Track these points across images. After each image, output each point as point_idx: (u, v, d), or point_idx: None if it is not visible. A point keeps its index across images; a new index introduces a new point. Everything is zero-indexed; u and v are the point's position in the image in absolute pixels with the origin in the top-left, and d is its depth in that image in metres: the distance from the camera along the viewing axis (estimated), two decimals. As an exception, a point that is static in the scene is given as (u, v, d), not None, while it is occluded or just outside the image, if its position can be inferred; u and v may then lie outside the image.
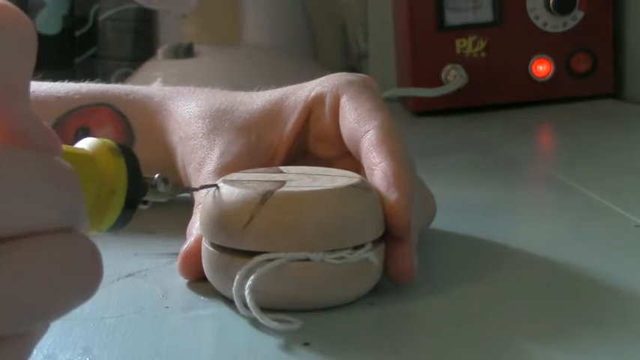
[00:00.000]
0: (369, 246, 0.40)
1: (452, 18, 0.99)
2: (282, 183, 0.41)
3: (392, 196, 0.41)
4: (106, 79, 1.14)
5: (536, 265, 0.47)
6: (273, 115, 0.51)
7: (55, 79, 0.59)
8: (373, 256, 0.40)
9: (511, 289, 0.44)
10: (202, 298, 0.42)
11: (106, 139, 0.35)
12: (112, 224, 0.34)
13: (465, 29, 0.99)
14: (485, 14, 0.99)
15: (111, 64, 1.16)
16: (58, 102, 0.56)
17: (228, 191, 0.41)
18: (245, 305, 0.38)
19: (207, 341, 0.38)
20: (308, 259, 0.39)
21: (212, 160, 0.49)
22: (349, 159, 0.48)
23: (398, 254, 0.41)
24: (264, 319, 0.37)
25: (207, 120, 0.52)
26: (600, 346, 0.36)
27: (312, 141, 0.51)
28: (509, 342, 0.37)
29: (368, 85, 0.50)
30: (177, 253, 0.48)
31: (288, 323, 0.37)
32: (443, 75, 0.99)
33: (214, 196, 0.41)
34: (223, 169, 0.48)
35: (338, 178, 0.42)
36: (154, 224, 0.53)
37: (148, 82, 0.92)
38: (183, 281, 0.44)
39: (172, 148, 0.53)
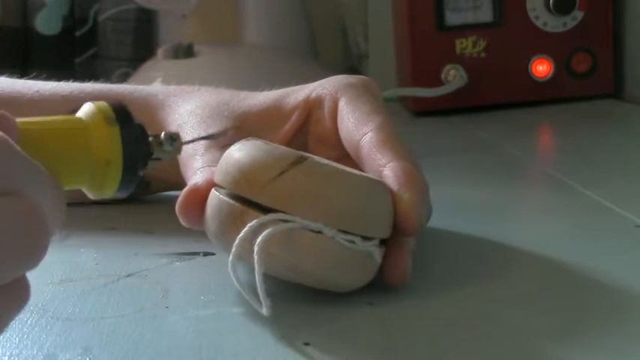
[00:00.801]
0: (376, 242, 0.40)
1: (452, 18, 0.99)
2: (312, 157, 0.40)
3: (404, 195, 0.41)
4: (106, 79, 1.14)
5: (536, 265, 0.47)
6: (271, 112, 0.52)
7: (55, 80, 0.59)
8: (378, 254, 0.40)
9: (511, 289, 0.44)
10: (202, 298, 0.42)
11: (103, 105, 0.35)
12: (117, 189, 0.35)
13: (465, 29, 0.99)
14: (486, 14, 0.99)
15: (111, 64, 1.16)
16: (63, 100, 0.57)
17: (261, 144, 0.40)
18: (236, 269, 0.38)
19: (207, 341, 0.38)
20: (320, 232, 0.38)
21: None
22: (351, 161, 0.48)
23: (397, 256, 0.41)
24: (248, 294, 0.37)
25: (206, 109, 0.52)
26: (600, 346, 0.36)
27: (313, 142, 0.51)
28: (509, 342, 0.37)
29: (367, 88, 0.50)
30: (177, 253, 0.48)
31: (261, 306, 0.37)
32: (443, 75, 0.99)
33: (244, 146, 0.41)
34: (216, 145, 0.48)
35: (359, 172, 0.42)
36: (154, 224, 0.53)
37: (147, 82, 0.92)
38: (183, 281, 0.44)
39: None
